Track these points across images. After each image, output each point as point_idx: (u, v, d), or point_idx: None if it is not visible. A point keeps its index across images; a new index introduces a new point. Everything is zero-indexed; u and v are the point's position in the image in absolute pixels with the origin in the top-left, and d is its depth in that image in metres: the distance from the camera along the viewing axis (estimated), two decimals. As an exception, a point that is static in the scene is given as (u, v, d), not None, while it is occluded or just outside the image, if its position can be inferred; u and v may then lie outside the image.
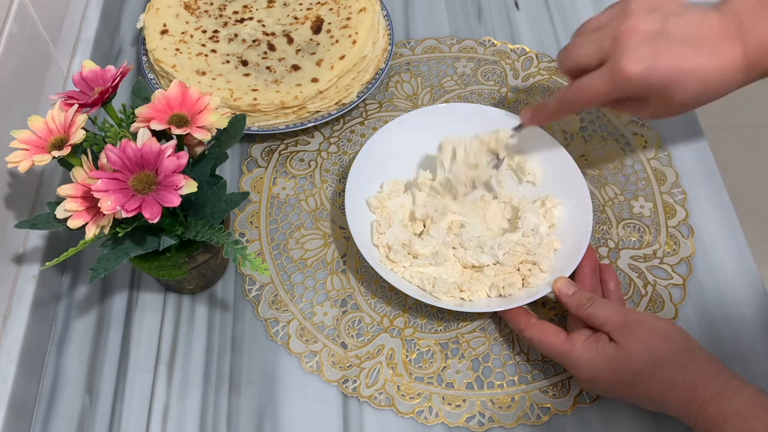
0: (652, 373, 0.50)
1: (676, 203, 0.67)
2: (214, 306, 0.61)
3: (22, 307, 0.57)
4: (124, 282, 0.63)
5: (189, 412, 0.56)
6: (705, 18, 0.53)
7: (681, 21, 0.53)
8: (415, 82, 0.75)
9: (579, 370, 0.52)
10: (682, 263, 0.63)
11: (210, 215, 0.53)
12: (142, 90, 0.55)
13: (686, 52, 0.52)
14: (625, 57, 0.52)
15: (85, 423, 0.56)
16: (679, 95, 0.53)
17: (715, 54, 0.52)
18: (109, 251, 0.50)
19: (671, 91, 0.53)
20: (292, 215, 0.66)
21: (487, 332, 0.60)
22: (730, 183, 0.70)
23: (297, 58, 0.71)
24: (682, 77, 0.52)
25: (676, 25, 0.53)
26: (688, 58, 0.52)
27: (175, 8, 0.75)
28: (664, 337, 0.51)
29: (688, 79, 0.52)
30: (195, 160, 0.54)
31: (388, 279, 0.56)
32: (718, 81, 0.53)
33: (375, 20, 0.73)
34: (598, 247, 0.64)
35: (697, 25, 0.53)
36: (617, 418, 0.56)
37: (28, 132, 0.49)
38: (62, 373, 0.58)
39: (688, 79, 0.52)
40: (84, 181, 0.47)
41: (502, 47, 0.78)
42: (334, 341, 0.59)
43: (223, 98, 0.67)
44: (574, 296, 0.55)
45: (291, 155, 0.70)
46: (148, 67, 0.73)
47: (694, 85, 0.52)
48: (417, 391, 0.57)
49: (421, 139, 0.66)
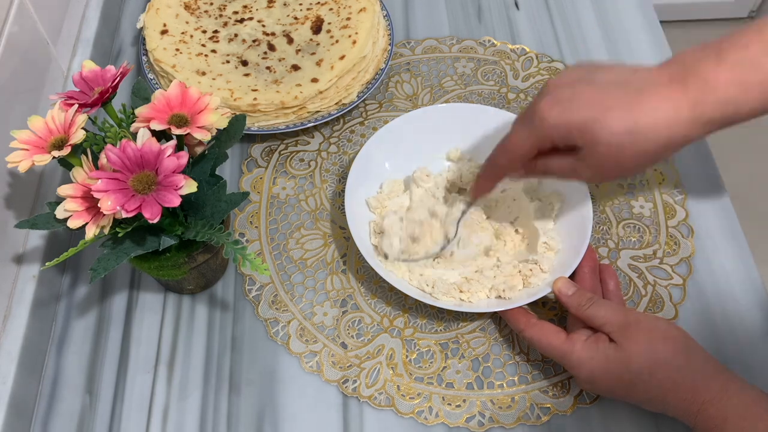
0: (652, 373, 0.49)
1: (676, 203, 0.67)
2: (214, 306, 0.61)
3: (22, 307, 0.57)
4: (124, 282, 0.63)
5: (189, 412, 0.56)
6: (640, 68, 0.50)
7: (610, 70, 0.51)
8: (415, 82, 0.75)
9: (579, 371, 0.52)
10: (682, 263, 0.63)
11: (210, 215, 0.53)
12: (142, 90, 0.55)
13: (609, 91, 0.48)
14: (542, 102, 0.50)
15: (85, 423, 0.56)
16: (603, 137, 0.48)
17: (643, 93, 0.48)
18: (109, 251, 0.50)
19: (594, 134, 0.48)
20: (292, 215, 0.66)
21: (487, 332, 0.60)
22: (730, 183, 0.70)
23: (297, 58, 0.71)
24: (602, 115, 0.48)
25: (603, 73, 0.50)
26: (609, 96, 0.48)
27: (175, 8, 0.75)
28: (664, 338, 0.51)
29: (609, 117, 0.47)
30: (195, 160, 0.54)
31: (388, 279, 0.56)
32: (650, 124, 0.47)
33: (375, 20, 0.73)
34: (598, 247, 0.64)
35: (629, 72, 0.50)
36: (617, 418, 0.56)
37: (28, 132, 0.49)
38: (62, 373, 0.58)
39: (609, 117, 0.47)
40: (84, 181, 0.47)
41: (502, 47, 0.78)
42: (334, 341, 0.59)
43: (223, 98, 0.67)
44: (574, 296, 0.55)
45: (291, 155, 0.70)
46: (148, 67, 0.73)
47: (619, 125, 0.47)
48: (417, 391, 0.57)
49: (421, 139, 0.66)
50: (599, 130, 0.48)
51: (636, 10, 0.82)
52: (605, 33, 0.80)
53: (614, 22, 0.81)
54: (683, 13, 1.91)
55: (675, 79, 0.48)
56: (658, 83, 0.48)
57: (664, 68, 0.49)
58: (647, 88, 0.48)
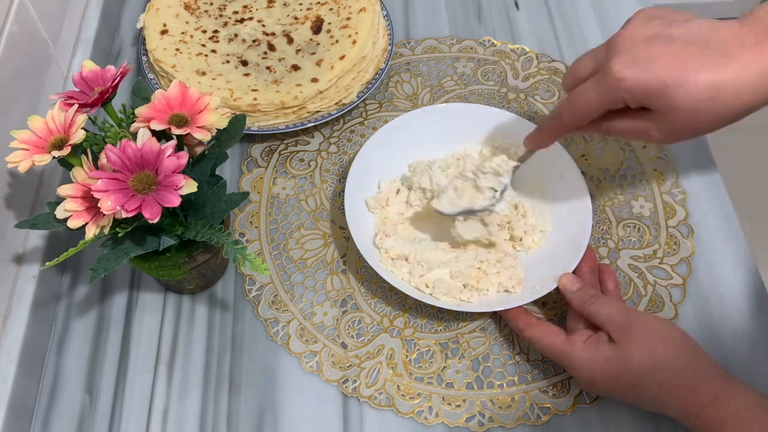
0: (651, 374, 0.49)
1: (676, 203, 0.67)
2: (214, 306, 0.61)
3: (22, 307, 0.57)
4: (124, 282, 0.63)
5: (189, 412, 0.56)
6: (718, 24, 0.47)
7: (687, 25, 0.47)
8: (415, 82, 0.75)
9: (579, 371, 0.52)
10: (682, 263, 0.63)
11: (210, 215, 0.53)
12: (142, 90, 0.55)
13: (690, 51, 0.45)
14: (615, 59, 0.47)
15: (85, 423, 0.56)
16: (682, 102, 0.45)
17: (728, 55, 0.45)
18: (109, 251, 0.50)
19: (673, 98, 0.45)
20: (292, 215, 0.66)
21: (487, 332, 0.60)
22: (730, 183, 0.70)
23: (297, 58, 0.71)
24: (684, 79, 0.45)
25: (681, 29, 0.47)
26: (692, 58, 0.45)
27: (175, 8, 0.75)
28: (664, 339, 0.50)
29: (692, 81, 0.45)
30: (195, 160, 0.54)
31: (388, 279, 0.56)
32: (733, 87, 0.45)
33: (375, 20, 0.73)
34: (598, 247, 0.64)
35: (708, 30, 0.46)
36: (617, 418, 0.56)
37: (28, 132, 0.49)
38: (62, 373, 0.58)
39: (692, 81, 0.45)
40: (84, 181, 0.47)
41: (502, 47, 0.78)
42: (334, 341, 0.59)
43: (223, 98, 0.67)
44: (578, 293, 0.55)
45: (291, 155, 0.70)
46: (148, 67, 0.73)
47: (700, 90, 0.45)
48: (417, 391, 0.57)
49: (421, 139, 0.66)
50: (681, 95, 0.45)
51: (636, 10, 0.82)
52: (605, 33, 0.80)
53: (614, 22, 0.81)
54: (683, 13, 1.90)
55: (762, 41, 0.45)
56: (743, 44, 0.45)
57: (746, 26, 0.46)
58: (731, 49, 0.45)
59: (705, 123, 0.47)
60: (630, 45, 0.47)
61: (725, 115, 0.46)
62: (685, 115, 0.46)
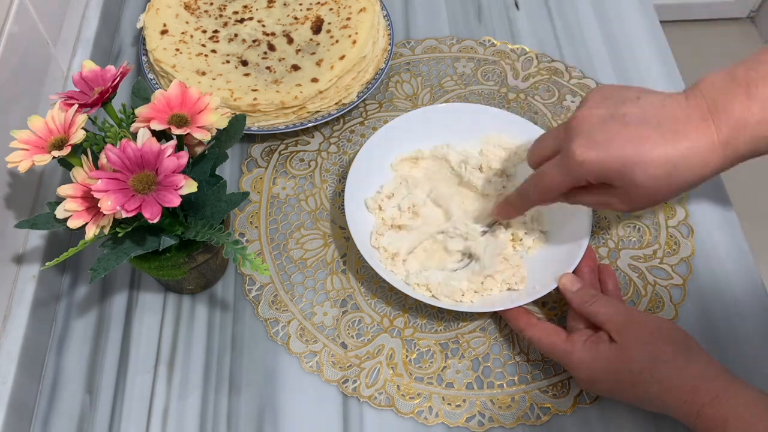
0: (652, 374, 0.49)
1: (676, 203, 0.67)
2: (214, 306, 0.61)
3: (22, 307, 0.57)
4: (124, 282, 0.63)
5: (189, 412, 0.56)
6: (667, 100, 0.50)
7: (639, 104, 0.50)
8: (415, 82, 0.75)
9: (579, 371, 0.52)
10: (682, 263, 0.63)
11: (210, 215, 0.53)
12: (142, 90, 0.55)
13: (644, 132, 0.48)
14: (575, 142, 0.50)
15: (85, 423, 0.56)
16: (640, 180, 0.48)
17: (678, 133, 0.48)
18: (109, 251, 0.50)
19: (631, 176, 0.48)
20: (292, 215, 0.66)
21: (487, 332, 0.60)
22: (730, 183, 0.70)
23: (297, 58, 0.71)
24: (640, 158, 0.48)
25: (633, 107, 0.50)
26: (646, 138, 0.48)
27: (175, 8, 0.75)
28: (665, 339, 0.51)
29: (647, 160, 0.48)
30: (195, 160, 0.54)
31: (388, 279, 0.56)
32: (686, 163, 0.48)
33: (375, 20, 0.73)
34: (598, 247, 0.64)
35: (658, 106, 0.49)
36: (617, 418, 0.56)
37: (28, 132, 0.49)
38: (62, 373, 0.58)
39: (647, 160, 0.48)
40: (84, 181, 0.47)
41: (502, 47, 0.78)
42: (334, 341, 0.59)
43: (223, 98, 0.67)
44: (578, 293, 0.55)
45: (291, 155, 0.70)
46: (148, 67, 0.73)
47: (656, 168, 0.48)
48: (417, 391, 0.57)
49: (421, 139, 0.66)
50: (639, 173, 0.48)
51: (636, 10, 0.82)
52: (605, 33, 0.80)
53: (614, 22, 0.81)
54: (683, 13, 1.91)
55: (707, 117, 0.48)
56: (691, 121, 0.48)
57: (693, 102, 0.49)
58: (681, 126, 0.48)
59: (662, 194, 0.50)
60: (588, 127, 0.50)
61: (680, 187, 0.49)
62: (643, 191, 0.49)
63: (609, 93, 0.52)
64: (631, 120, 0.49)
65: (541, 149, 0.55)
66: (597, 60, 0.77)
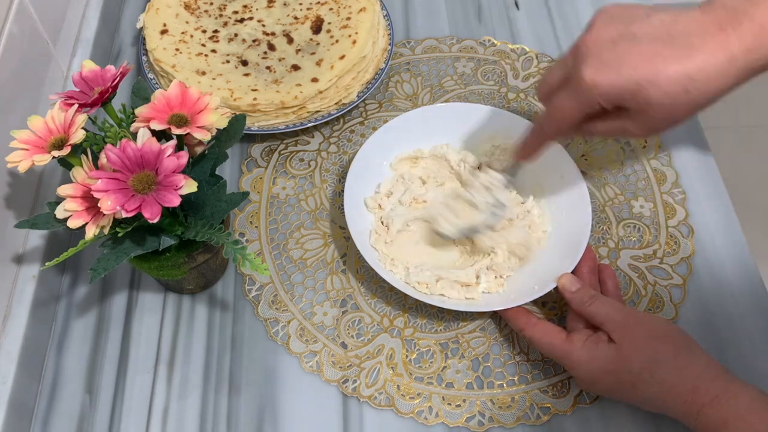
0: (651, 374, 0.49)
1: (676, 203, 0.67)
2: (214, 306, 0.61)
3: (22, 307, 0.57)
4: (124, 282, 0.63)
5: (189, 412, 0.56)
6: (680, 15, 0.47)
7: (649, 21, 0.48)
8: (415, 82, 0.75)
9: (579, 371, 0.52)
10: (682, 263, 0.63)
11: (210, 215, 0.53)
12: (142, 90, 0.55)
13: (656, 49, 0.46)
14: (584, 66, 0.48)
15: (85, 423, 0.56)
16: (656, 98, 0.46)
17: (693, 46, 0.46)
18: (109, 251, 0.50)
19: (646, 96, 0.46)
20: (292, 215, 0.66)
21: (487, 332, 0.60)
22: (730, 183, 0.70)
23: (297, 58, 0.71)
24: (654, 76, 0.46)
25: (643, 26, 0.48)
26: (659, 55, 0.46)
27: (175, 8, 0.75)
28: (664, 338, 0.51)
29: (662, 77, 0.46)
30: (195, 160, 0.54)
31: (387, 279, 0.56)
32: (703, 77, 0.46)
33: (375, 20, 0.73)
34: (598, 247, 0.64)
35: (669, 23, 0.47)
36: (617, 418, 0.56)
37: (28, 132, 0.49)
38: (62, 373, 0.58)
39: (662, 77, 0.46)
40: (84, 181, 0.47)
41: (502, 47, 0.78)
42: (334, 341, 0.59)
43: (223, 98, 0.67)
44: (577, 293, 0.55)
45: (291, 155, 0.70)
46: (148, 67, 0.73)
47: (672, 84, 0.46)
48: (417, 391, 0.57)
49: (420, 138, 0.66)
50: (654, 92, 0.46)
51: (636, 10, 0.82)
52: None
53: (614, 22, 0.81)
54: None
55: (725, 27, 0.46)
56: (707, 32, 0.46)
57: (710, 14, 0.47)
58: (696, 39, 0.46)
59: (680, 113, 0.48)
60: (596, 49, 0.48)
61: (699, 103, 0.47)
62: (660, 110, 0.47)
63: (616, 12, 0.49)
64: (641, 38, 0.47)
65: (549, 78, 0.53)
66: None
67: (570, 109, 0.50)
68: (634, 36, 0.47)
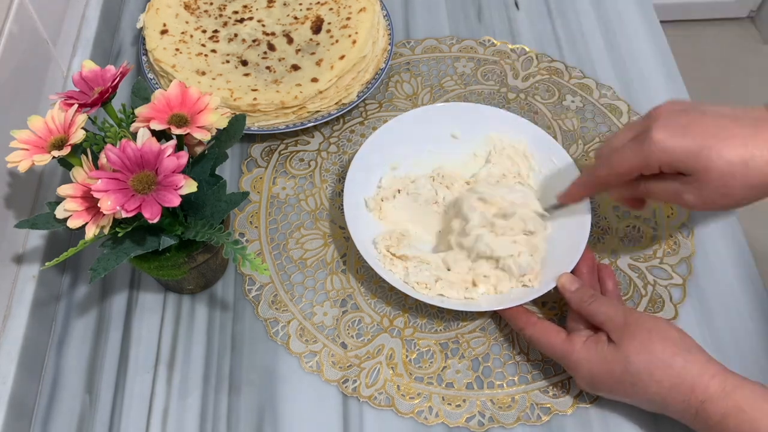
0: (650, 373, 0.50)
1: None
2: (214, 306, 0.61)
3: (22, 307, 0.57)
4: (124, 282, 0.63)
5: (189, 412, 0.56)
6: (745, 107, 0.51)
7: (718, 106, 0.51)
8: (415, 82, 0.75)
9: (578, 371, 0.52)
10: (682, 263, 0.63)
11: (210, 215, 0.53)
12: (142, 90, 0.55)
13: (723, 122, 0.49)
14: (655, 125, 0.50)
15: (85, 423, 0.56)
16: (716, 164, 0.48)
17: (758, 126, 0.49)
18: (109, 251, 0.50)
19: (706, 159, 0.48)
20: (291, 215, 0.66)
21: (487, 332, 0.60)
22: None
23: (297, 58, 0.71)
24: (718, 143, 0.48)
25: (713, 107, 0.51)
26: (725, 127, 0.49)
27: (175, 8, 0.75)
28: (663, 338, 0.51)
29: (725, 145, 0.48)
30: (195, 160, 0.54)
31: (387, 279, 0.56)
32: (764, 155, 0.48)
33: (375, 20, 0.73)
34: (598, 247, 0.64)
35: (738, 110, 0.51)
36: (617, 418, 0.56)
37: (28, 132, 0.49)
38: (62, 373, 0.58)
39: (725, 145, 0.48)
40: (84, 181, 0.47)
41: (502, 47, 0.78)
42: (334, 341, 0.59)
43: (223, 98, 0.67)
44: (576, 292, 0.55)
45: (291, 155, 0.70)
46: (148, 67, 0.73)
47: (733, 154, 0.48)
48: (417, 391, 0.57)
49: (420, 138, 0.66)
50: (715, 157, 0.48)
51: (636, 10, 0.82)
52: (605, 33, 0.80)
53: (614, 22, 0.81)
54: (683, 13, 1.91)
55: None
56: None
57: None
58: (762, 123, 0.49)
59: (738, 189, 0.49)
60: (668, 115, 0.51)
61: (755, 183, 0.49)
62: (717, 178, 0.49)
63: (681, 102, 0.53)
64: (710, 113, 0.50)
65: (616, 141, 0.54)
66: (597, 60, 0.77)
67: (630, 158, 0.52)
68: (704, 112, 0.51)
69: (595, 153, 0.56)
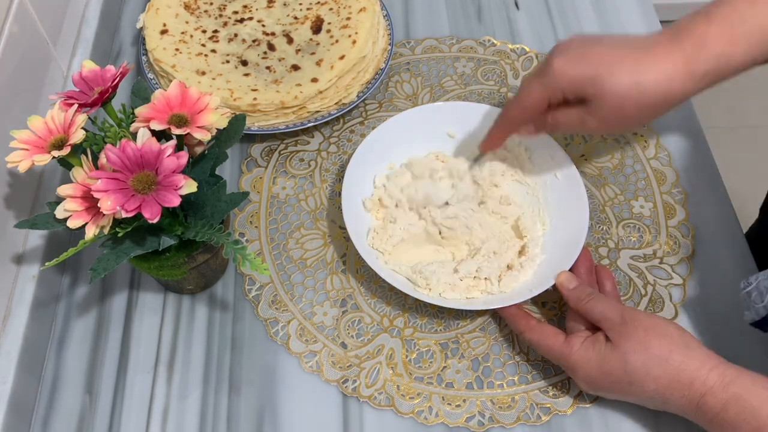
0: (647, 371, 0.50)
1: (676, 203, 0.67)
2: (214, 306, 0.61)
3: (22, 307, 0.57)
4: (124, 282, 0.63)
5: (189, 412, 0.56)
6: (640, 35, 0.56)
7: (614, 36, 0.56)
8: (414, 82, 0.75)
9: (577, 372, 0.53)
10: (682, 263, 0.63)
11: (210, 215, 0.53)
12: (142, 90, 0.55)
13: (617, 50, 0.54)
14: (554, 58, 0.55)
15: (85, 423, 0.56)
16: (609, 88, 0.52)
17: (648, 51, 0.53)
18: (109, 251, 0.50)
19: (601, 84, 0.53)
20: (291, 215, 0.66)
21: (487, 332, 0.60)
22: (730, 183, 0.70)
23: (297, 58, 0.71)
24: (610, 68, 0.52)
25: (610, 38, 0.56)
26: (617, 54, 0.53)
27: (175, 8, 0.75)
28: (660, 335, 0.51)
29: (616, 70, 0.52)
30: (195, 160, 0.54)
31: (386, 279, 0.56)
32: (652, 77, 0.52)
33: (375, 20, 0.73)
34: (598, 247, 0.64)
35: (632, 38, 0.56)
36: (617, 418, 0.56)
37: (28, 132, 0.49)
38: (62, 373, 0.58)
39: (616, 70, 0.52)
40: (84, 181, 0.47)
41: (502, 47, 0.78)
42: (334, 341, 0.59)
43: (223, 98, 0.67)
44: (575, 290, 0.55)
45: (291, 155, 0.70)
46: (148, 67, 0.73)
47: (624, 77, 0.52)
48: (417, 391, 0.57)
49: (419, 137, 0.66)
50: (608, 82, 0.53)
51: (636, 10, 0.82)
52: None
53: (614, 22, 0.81)
54: (683, 13, 1.90)
55: (672, 39, 0.53)
56: (659, 43, 0.54)
57: (665, 31, 0.55)
58: (649, 47, 0.53)
59: (632, 110, 0.53)
60: (566, 48, 0.56)
61: (648, 103, 0.53)
62: (612, 102, 0.53)
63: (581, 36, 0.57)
64: (606, 43, 0.55)
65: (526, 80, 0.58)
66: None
67: (536, 92, 0.56)
68: (600, 41, 0.56)
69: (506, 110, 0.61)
